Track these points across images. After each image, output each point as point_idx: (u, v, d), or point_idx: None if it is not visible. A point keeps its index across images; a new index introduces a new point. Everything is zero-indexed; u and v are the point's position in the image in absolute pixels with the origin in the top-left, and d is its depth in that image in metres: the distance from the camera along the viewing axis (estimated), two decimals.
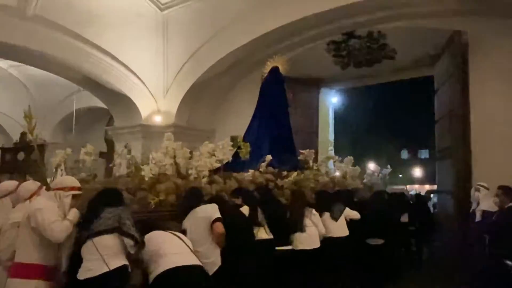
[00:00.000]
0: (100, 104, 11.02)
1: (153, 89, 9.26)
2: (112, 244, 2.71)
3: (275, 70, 6.74)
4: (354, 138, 20.65)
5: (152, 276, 2.89)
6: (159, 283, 2.86)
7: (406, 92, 19.50)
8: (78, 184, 3.04)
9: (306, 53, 8.43)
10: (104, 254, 2.64)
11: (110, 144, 11.25)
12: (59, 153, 4.54)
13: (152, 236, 3.04)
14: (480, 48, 6.51)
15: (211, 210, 3.45)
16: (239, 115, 9.71)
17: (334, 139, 10.76)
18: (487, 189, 5.18)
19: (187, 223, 3.48)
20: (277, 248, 4.08)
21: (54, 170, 4.45)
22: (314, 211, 4.62)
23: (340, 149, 12.02)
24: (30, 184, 3.25)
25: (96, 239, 2.68)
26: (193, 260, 3.01)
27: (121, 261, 2.72)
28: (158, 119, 9.28)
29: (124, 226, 2.74)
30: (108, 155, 9.68)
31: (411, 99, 20.15)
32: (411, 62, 8.10)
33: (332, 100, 10.62)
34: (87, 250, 2.69)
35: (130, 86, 9.08)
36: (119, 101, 9.49)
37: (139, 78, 9.05)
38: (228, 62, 8.57)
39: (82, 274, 2.65)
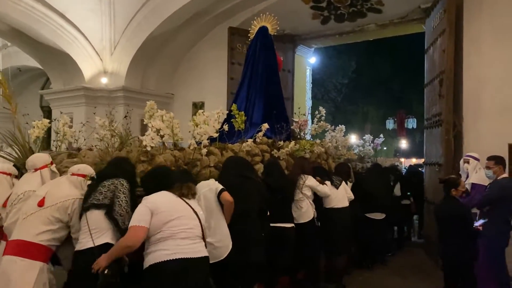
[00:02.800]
0: (33, 63, 10.59)
1: (98, 45, 8.93)
2: (100, 220, 2.98)
3: (263, 31, 6.68)
4: (334, 104, 20.89)
5: (148, 260, 2.85)
6: (154, 275, 2.80)
7: (394, 51, 19.74)
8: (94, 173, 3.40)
9: (280, 4, 8.30)
10: (92, 229, 2.95)
11: (47, 111, 10.90)
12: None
13: (161, 203, 2.92)
14: (476, 2, 6.59)
15: (213, 183, 3.75)
16: (203, 78, 9.59)
17: (312, 106, 10.81)
18: (477, 160, 5.39)
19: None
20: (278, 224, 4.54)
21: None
22: (308, 180, 4.95)
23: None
24: (44, 156, 3.57)
25: (88, 213, 3.00)
26: (202, 250, 2.96)
27: (107, 238, 2.96)
28: (104, 81, 9.02)
29: (116, 204, 3.01)
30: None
31: (400, 59, 20.42)
32: (399, 17, 8.12)
33: (309, 61, 10.59)
34: (82, 223, 3.02)
35: (69, 41, 8.70)
36: (56, 59, 9.15)
37: (80, 31, 8.69)
38: (187, 14, 8.33)
39: (76, 246, 3.00)
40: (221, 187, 3.70)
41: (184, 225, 2.90)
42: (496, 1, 6.46)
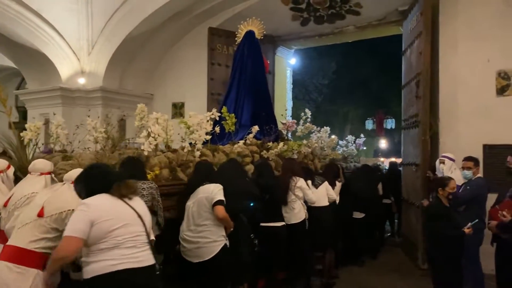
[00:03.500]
0: (8, 62, 10.35)
1: (75, 45, 8.78)
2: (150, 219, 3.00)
3: (250, 35, 6.96)
4: (314, 105, 21.01)
5: (90, 271, 2.57)
6: (98, 287, 2.57)
7: (373, 53, 19.98)
8: None
9: (260, 5, 8.32)
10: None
11: (23, 111, 10.69)
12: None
13: (103, 211, 2.60)
14: (451, 3, 6.73)
15: (214, 190, 3.73)
16: (182, 78, 9.54)
17: (293, 107, 10.86)
18: (453, 160, 5.51)
19: (190, 201, 3.81)
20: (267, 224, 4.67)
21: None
22: (299, 182, 5.07)
23: (298, 119, 12.17)
24: (49, 162, 3.54)
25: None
26: (149, 258, 2.72)
27: (152, 236, 2.91)
28: (81, 82, 8.88)
29: (156, 206, 3.31)
30: (21, 125, 9.19)
31: (379, 61, 20.68)
32: (377, 19, 8.23)
33: (289, 62, 10.65)
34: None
35: (45, 40, 8.53)
36: (32, 59, 8.96)
37: (57, 31, 8.53)
38: (167, 13, 8.27)
39: None
40: (218, 198, 3.69)
41: (130, 233, 2.63)
42: (471, 4, 6.61)
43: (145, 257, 2.69)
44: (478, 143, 6.32)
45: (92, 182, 2.74)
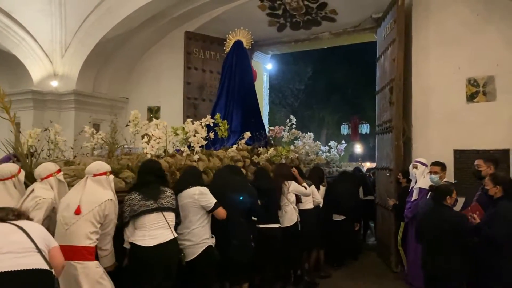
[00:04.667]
0: None
1: (47, 47, 8.60)
2: (173, 219, 3.72)
3: (239, 44, 7.24)
4: (291, 110, 21.13)
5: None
6: None
7: (348, 59, 20.28)
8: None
9: (236, 10, 8.34)
10: (171, 225, 3.65)
11: None
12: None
13: None
14: (423, 12, 6.90)
15: (201, 195, 4.01)
16: (158, 82, 9.46)
17: (270, 111, 10.94)
18: (425, 165, 5.63)
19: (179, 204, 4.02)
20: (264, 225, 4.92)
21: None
22: (292, 186, 5.38)
23: (275, 123, 12.27)
24: (51, 165, 3.61)
25: (166, 213, 3.65)
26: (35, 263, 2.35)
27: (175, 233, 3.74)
28: (54, 84, 8.68)
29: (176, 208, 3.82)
30: None
31: (354, 66, 21.00)
32: (352, 26, 8.38)
33: (266, 67, 10.71)
34: (153, 218, 3.60)
35: (16, 42, 8.36)
36: (2, 60, 8.76)
37: (28, 33, 8.36)
38: (143, 16, 8.19)
39: (148, 242, 3.52)
40: (212, 202, 4.03)
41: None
42: (442, 13, 6.78)
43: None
44: (449, 148, 6.49)
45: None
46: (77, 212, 3.20)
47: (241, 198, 4.38)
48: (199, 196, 3.99)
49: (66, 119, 8.67)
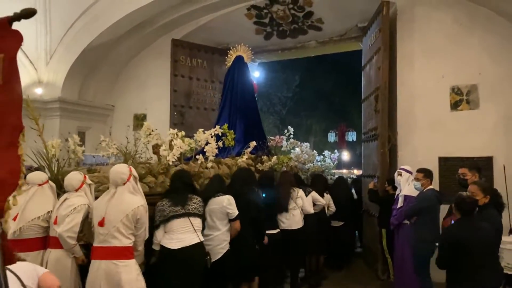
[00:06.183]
0: None
1: (32, 54, 8.49)
2: (199, 224, 4.10)
3: (240, 60, 7.53)
4: (279, 117, 21.22)
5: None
6: None
7: (335, 67, 20.46)
8: None
9: (224, 19, 8.36)
10: (197, 229, 4.00)
11: None
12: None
13: None
14: (408, 21, 7.00)
15: (228, 205, 4.39)
16: (143, 89, 9.41)
17: None
18: (410, 172, 5.67)
19: (206, 209, 4.43)
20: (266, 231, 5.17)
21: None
22: (299, 192, 5.81)
23: (264, 130, 12.22)
24: (78, 174, 3.96)
25: (192, 218, 4.00)
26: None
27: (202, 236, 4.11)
28: (38, 92, 8.57)
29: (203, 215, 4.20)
30: None
31: (341, 75, 21.17)
32: (338, 35, 8.45)
33: (254, 75, 10.72)
34: (180, 223, 3.96)
35: None
36: None
37: None
38: (129, 24, 8.14)
39: (174, 244, 3.89)
40: (235, 213, 4.42)
41: None
42: (426, 23, 6.89)
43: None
44: (433, 156, 6.56)
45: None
46: (101, 224, 3.50)
47: (263, 195, 5.10)
48: (227, 205, 4.38)
49: (50, 127, 8.54)
